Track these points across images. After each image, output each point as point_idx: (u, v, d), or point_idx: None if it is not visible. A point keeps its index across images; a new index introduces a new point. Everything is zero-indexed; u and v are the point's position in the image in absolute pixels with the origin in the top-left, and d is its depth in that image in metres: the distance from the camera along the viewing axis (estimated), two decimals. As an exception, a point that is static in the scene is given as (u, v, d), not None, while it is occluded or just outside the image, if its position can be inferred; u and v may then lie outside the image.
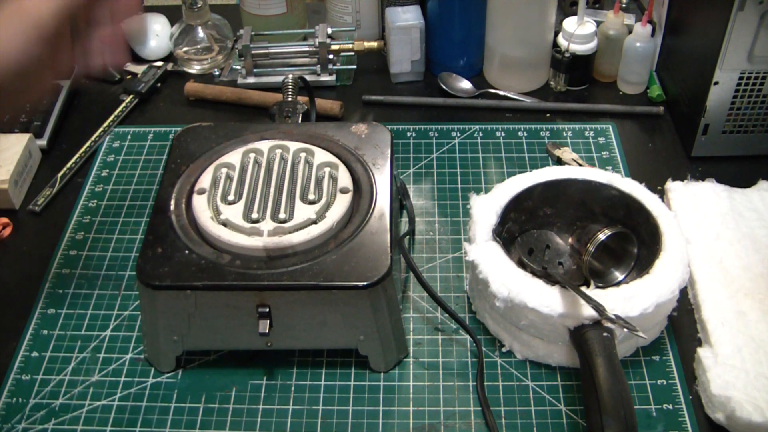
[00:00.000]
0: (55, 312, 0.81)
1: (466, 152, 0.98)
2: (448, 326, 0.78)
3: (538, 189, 0.80)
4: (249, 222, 0.72)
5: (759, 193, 0.87)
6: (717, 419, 0.69)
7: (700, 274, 0.78)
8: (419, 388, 0.73)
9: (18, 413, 0.72)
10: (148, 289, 0.69)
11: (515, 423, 0.70)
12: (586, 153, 0.97)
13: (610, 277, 0.77)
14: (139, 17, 1.16)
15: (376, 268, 0.69)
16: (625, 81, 1.06)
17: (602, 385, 0.63)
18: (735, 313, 0.74)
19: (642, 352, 0.75)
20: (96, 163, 0.98)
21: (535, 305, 0.69)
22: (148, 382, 0.75)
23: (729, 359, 0.70)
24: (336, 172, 0.77)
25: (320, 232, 0.71)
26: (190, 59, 1.11)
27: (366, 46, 1.07)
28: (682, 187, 0.88)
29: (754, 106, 0.90)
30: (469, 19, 1.04)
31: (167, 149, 0.87)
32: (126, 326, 0.79)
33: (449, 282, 0.83)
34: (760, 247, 0.80)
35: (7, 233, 0.90)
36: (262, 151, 0.79)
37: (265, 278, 0.68)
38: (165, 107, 1.08)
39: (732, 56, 0.85)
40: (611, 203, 0.80)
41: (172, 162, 0.80)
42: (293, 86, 0.94)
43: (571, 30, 1.01)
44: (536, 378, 0.74)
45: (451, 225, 0.89)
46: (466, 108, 1.05)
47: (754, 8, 0.82)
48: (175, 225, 0.73)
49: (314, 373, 0.75)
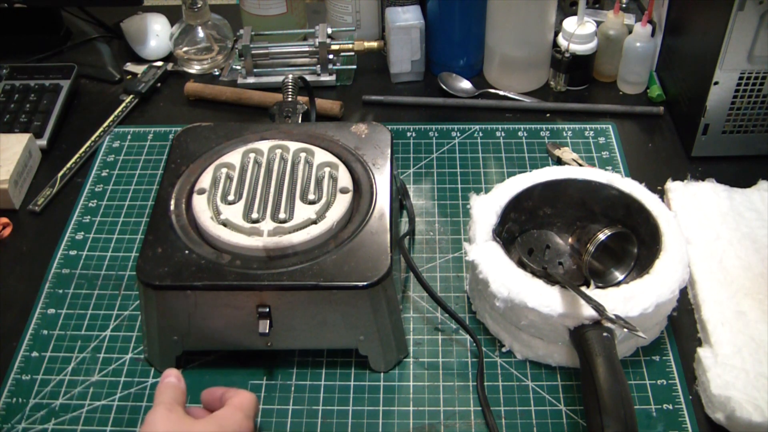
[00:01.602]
0: (55, 312, 0.81)
1: (466, 152, 0.98)
2: (448, 326, 0.78)
3: (538, 189, 0.80)
4: (249, 222, 0.72)
5: (759, 193, 0.87)
6: (717, 419, 0.69)
7: (700, 274, 0.78)
8: (419, 388, 0.73)
9: (18, 413, 0.72)
10: (148, 289, 0.69)
11: (515, 423, 0.70)
12: (586, 153, 0.97)
13: (610, 277, 0.77)
14: (139, 17, 1.16)
15: (376, 268, 0.69)
16: (625, 81, 1.06)
17: (602, 385, 0.63)
18: (735, 313, 0.74)
19: (642, 352, 0.75)
20: (96, 163, 0.98)
21: (535, 305, 0.69)
22: (148, 382, 0.75)
23: (729, 359, 0.70)
24: (336, 172, 0.77)
25: (320, 232, 0.71)
26: (190, 59, 1.11)
27: (366, 46, 1.07)
28: (682, 187, 0.88)
29: (754, 106, 0.90)
30: (469, 19, 1.04)
31: (167, 149, 0.87)
32: (126, 326, 0.79)
33: (449, 282, 0.83)
34: (760, 247, 0.80)
35: (7, 233, 0.90)
36: (262, 151, 0.79)
37: (265, 278, 0.68)
38: (165, 107, 1.08)
39: (732, 56, 0.85)
40: (611, 203, 0.80)
41: (172, 162, 0.80)
42: (293, 86, 0.94)
43: (571, 30, 1.01)
44: (536, 378, 0.74)
45: (451, 225, 0.89)
46: (466, 108, 1.05)
47: (754, 8, 0.82)
48: (175, 225, 0.73)
49: (314, 373, 0.75)
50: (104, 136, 1.02)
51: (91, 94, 1.10)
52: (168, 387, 0.64)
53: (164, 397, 0.63)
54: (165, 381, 0.65)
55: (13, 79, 1.07)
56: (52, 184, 0.95)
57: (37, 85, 1.06)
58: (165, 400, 0.63)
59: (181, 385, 0.65)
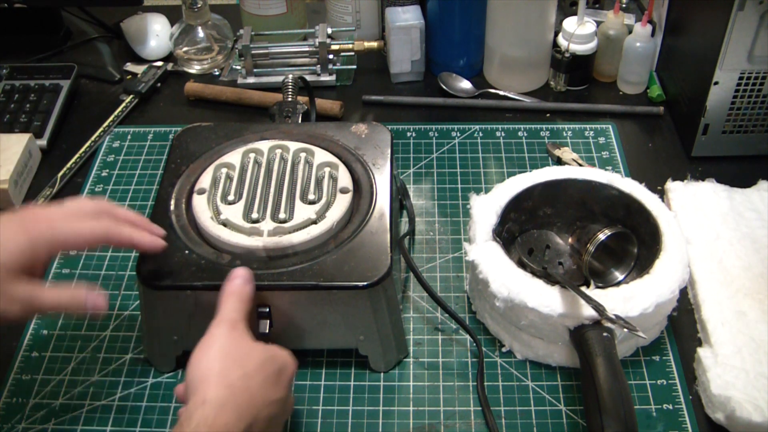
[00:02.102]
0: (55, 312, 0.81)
1: (466, 152, 0.98)
2: (448, 326, 0.78)
3: (538, 189, 0.80)
4: (249, 222, 0.72)
5: (759, 193, 0.87)
6: (717, 419, 0.69)
7: (700, 274, 0.78)
8: (419, 388, 0.73)
9: (18, 413, 0.72)
10: (148, 289, 0.69)
11: (515, 423, 0.70)
12: (586, 153, 0.97)
13: (610, 277, 0.77)
14: (139, 17, 1.16)
15: (376, 268, 0.69)
16: (625, 81, 1.06)
17: (602, 385, 0.63)
18: (735, 313, 0.74)
19: (642, 352, 0.75)
20: (96, 163, 0.98)
21: (535, 305, 0.69)
22: (148, 382, 0.75)
23: (729, 359, 0.70)
24: (336, 172, 0.77)
25: (320, 232, 0.71)
26: (190, 59, 1.11)
27: (366, 46, 1.07)
28: (682, 187, 0.88)
29: (754, 106, 0.90)
30: (469, 19, 1.04)
31: (167, 149, 0.87)
32: (126, 326, 0.79)
33: (449, 282, 0.83)
34: (760, 247, 0.80)
35: (7, 233, 0.90)
36: (262, 151, 0.79)
37: (265, 278, 0.68)
38: (165, 107, 1.08)
39: (732, 56, 0.85)
40: (611, 203, 0.80)
41: (172, 162, 0.80)
42: (293, 86, 0.94)
43: (571, 30, 1.01)
44: (536, 378, 0.74)
45: (451, 225, 0.89)
46: (466, 108, 1.05)
47: (754, 8, 0.81)
48: (175, 225, 0.73)
49: (314, 373, 0.75)
50: (104, 136, 1.02)
51: (91, 94, 1.10)
52: (233, 297, 0.64)
53: (229, 311, 0.63)
54: (232, 286, 0.64)
55: (13, 79, 1.07)
56: (52, 184, 0.95)
57: (37, 85, 1.06)
58: (230, 316, 0.62)
59: (247, 290, 0.65)
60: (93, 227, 0.63)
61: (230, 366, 0.59)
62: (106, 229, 0.64)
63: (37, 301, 0.61)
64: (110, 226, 0.64)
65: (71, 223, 0.63)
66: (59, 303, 0.62)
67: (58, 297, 0.62)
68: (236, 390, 0.57)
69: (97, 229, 0.63)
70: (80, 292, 0.63)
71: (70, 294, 0.63)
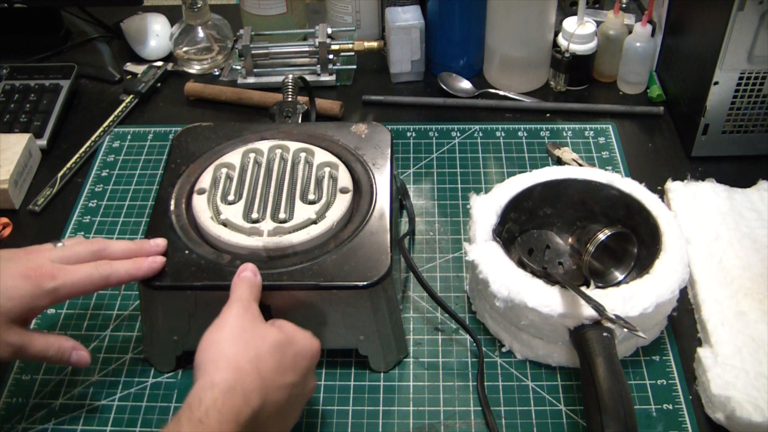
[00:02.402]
0: (55, 312, 0.81)
1: (466, 152, 0.98)
2: (448, 326, 0.78)
3: (538, 189, 0.80)
4: (249, 222, 0.72)
5: (759, 193, 0.87)
6: (717, 419, 0.69)
7: (700, 274, 0.78)
8: (419, 388, 0.73)
9: (18, 413, 0.72)
10: (148, 289, 0.69)
11: (515, 423, 0.70)
12: (586, 153, 0.97)
13: (610, 277, 0.77)
14: (139, 17, 1.16)
15: (376, 268, 0.69)
16: (625, 81, 1.06)
17: (602, 385, 0.63)
18: (735, 313, 0.74)
19: (642, 352, 0.75)
20: (96, 163, 0.98)
21: (535, 305, 0.69)
22: (148, 382, 0.75)
23: (729, 359, 0.70)
24: (336, 172, 0.77)
25: (320, 232, 0.71)
26: (190, 59, 1.11)
27: (366, 46, 1.07)
28: (682, 187, 0.88)
29: (754, 106, 0.90)
30: (469, 19, 1.04)
31: (167, 149, 0.87)
32: (126, 326, 0.79)
33: (449, 282, 0.83)
34: (760, 247, 0.80)
35: (7, 233, 0.90)
36: (262, 151, 0.79)
37: (265, 278, 0.68)
38: (165, 107, 1.08)
39: (732, 56, 0.85)
40: (611, 203, 0.80)
41: (172, 162, 0.80)
42: (293, 86, 0.94)
43: (571, 30, 1.01)
44: (536, 378, 0.74)
45: (451, 225, 0.89)
46: (466, 108, 1.05)
47: (754, 8, 0.81)
48: (175, 225, 0.73)
49: (314, 373, 0.75)
50: (104, 136, 1.02)
51: (91, 94, 1.10)
52: (244, 282, 0.65)
53: (241, 293, 0.64)
54: (242, 275, 0.66)
55: (13, 79, 1.07)
56: (52, 184, 0.95)
57: (37, 85, 1.06)
58: (242, 297, 0.63)
59: (257, 280, 0.66)
60: (92, 277, 0.66)
61: (241, 349, 0.59)
62: (106, 277, 0.67)
63: (27, 349, 0.65)
64: (109, 273, 0.67)
65: (72, 275, 0.65)
66: (45, 355, 0.66)
67: (46, 348, 0.66)
68: (244, 373, 0.57)
69: (95, 277, 0.66)
70: (66, 348, 0.67)
71: (57, 348, 0.66)
